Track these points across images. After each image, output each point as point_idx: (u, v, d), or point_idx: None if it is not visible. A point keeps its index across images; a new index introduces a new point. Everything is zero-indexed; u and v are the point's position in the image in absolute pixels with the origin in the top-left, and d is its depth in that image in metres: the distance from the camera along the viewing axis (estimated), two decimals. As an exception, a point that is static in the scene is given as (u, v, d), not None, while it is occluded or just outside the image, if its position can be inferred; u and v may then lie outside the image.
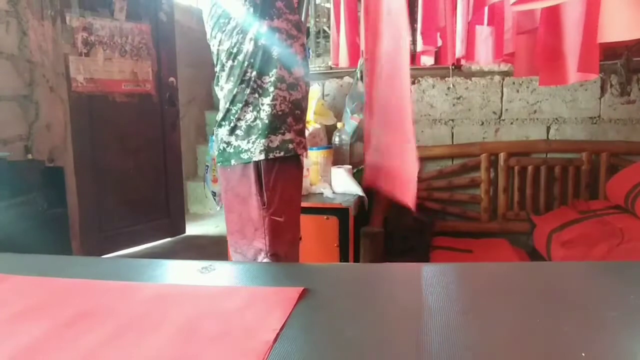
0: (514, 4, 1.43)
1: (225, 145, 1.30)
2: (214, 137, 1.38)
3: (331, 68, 3.00)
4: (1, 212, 2.04)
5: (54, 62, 2.74)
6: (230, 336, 0.65)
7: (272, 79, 1.27)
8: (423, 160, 2.85)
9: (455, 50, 2.58)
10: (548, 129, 2.76)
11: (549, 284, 0.84)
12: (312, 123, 2.66)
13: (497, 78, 2.75)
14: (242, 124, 1.27)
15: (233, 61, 1.28)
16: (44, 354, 0.62)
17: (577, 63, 1.49)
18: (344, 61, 3.00)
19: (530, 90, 2.72)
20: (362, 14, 2.97)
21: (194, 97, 4.07)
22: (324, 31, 3.80)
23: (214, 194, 2.90)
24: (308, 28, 3.44)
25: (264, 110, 1.26)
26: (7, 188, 2.11)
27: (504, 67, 2.67)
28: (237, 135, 1.28)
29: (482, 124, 2.80)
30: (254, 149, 1.26)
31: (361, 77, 2.79)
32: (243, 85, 1.27)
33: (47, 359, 0.61)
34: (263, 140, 1.26)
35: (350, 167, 2.50)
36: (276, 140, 1.27)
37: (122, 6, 3.01)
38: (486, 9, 2.05)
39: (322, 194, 2.34)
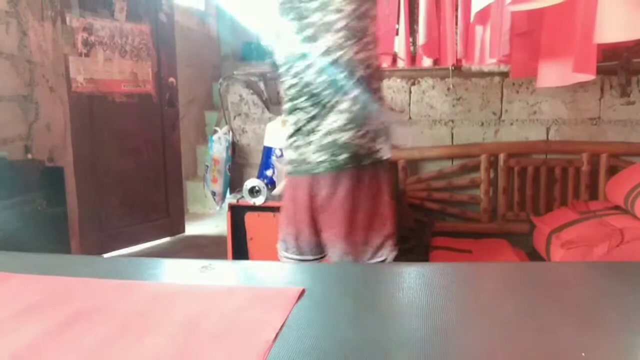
0: (509, 3, 1.43)
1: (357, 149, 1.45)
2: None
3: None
4: (1, 211, 2.03)
5: (54, 63, 2.74)
6: (230, 336, 0.65)
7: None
8: (422, 161, 2.86)
9: (456, 50, 2.59)
10: (548, 129, 2.76)
11: (549, 284, 0.84)
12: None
13: (496, 79, 2.75)
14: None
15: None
16: (44, 352, 0.62)
17: (573, 64, 1.49)
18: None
19: (530, 91, 2.72)
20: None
21: (194, 98, 4.06)
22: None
23: (213, 193, 2.90)
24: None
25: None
26: (7, 188, 2.11)
27: (503, 68, 2.67)
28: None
29: (482, 124, 2.80)
30: (386, 149, 1.43)
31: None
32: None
33: (47, 357, 0.61)
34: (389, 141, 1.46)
35: (350, 167, 2.49)
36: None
37: (122, 7, 3.01)
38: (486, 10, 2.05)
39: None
